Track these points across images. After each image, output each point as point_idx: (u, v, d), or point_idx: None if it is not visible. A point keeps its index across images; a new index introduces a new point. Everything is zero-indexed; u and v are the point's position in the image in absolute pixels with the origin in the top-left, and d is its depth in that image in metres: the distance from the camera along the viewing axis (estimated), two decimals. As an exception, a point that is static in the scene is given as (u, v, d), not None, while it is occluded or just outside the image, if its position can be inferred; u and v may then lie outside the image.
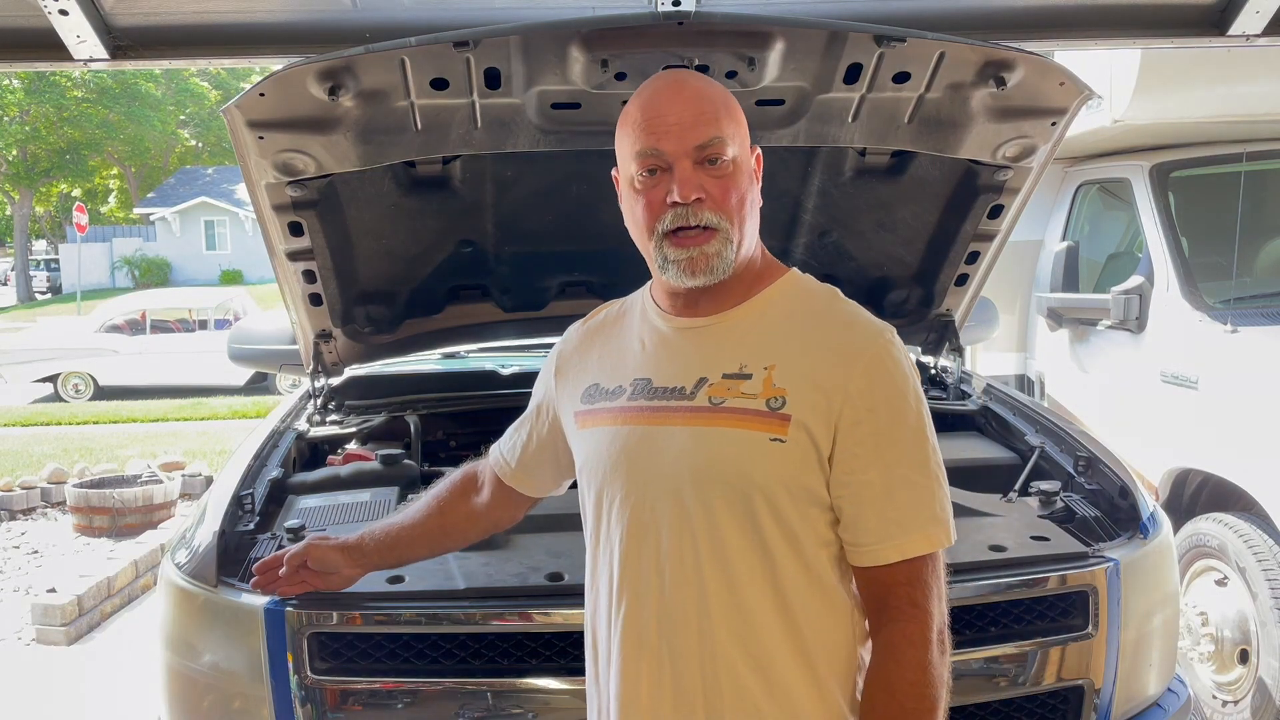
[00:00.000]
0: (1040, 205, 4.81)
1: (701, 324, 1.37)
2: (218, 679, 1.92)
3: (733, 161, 1.32)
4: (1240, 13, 2.26)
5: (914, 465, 1.29)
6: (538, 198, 2.74)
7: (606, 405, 1.41)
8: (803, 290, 1.40)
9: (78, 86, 31.06)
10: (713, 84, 1.38)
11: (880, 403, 1.27)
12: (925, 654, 1.25)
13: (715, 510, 1.28)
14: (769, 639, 1.28)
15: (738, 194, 1.32)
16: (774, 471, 1.26)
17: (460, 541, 1.78)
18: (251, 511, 2.20)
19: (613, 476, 1.36)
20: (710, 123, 1.30)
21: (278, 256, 2.54)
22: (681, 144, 1.30)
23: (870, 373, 1.28)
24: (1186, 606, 3.58)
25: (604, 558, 1.39)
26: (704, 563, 1.28)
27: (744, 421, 1.27)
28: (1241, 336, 3.61)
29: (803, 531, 1.28)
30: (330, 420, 2.98)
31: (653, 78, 1.39)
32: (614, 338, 1.49)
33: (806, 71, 2.15)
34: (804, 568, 1.28)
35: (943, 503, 1.30)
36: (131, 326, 14.35)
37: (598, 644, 1.42)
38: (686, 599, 1.29)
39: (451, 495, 1.73)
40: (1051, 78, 2.15)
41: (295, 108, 2.07)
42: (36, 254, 40.11)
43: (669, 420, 1.32)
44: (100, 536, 6.25)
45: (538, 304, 3.19)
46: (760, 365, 1.30)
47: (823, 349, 1.30)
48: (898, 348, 1.32)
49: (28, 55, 2.26)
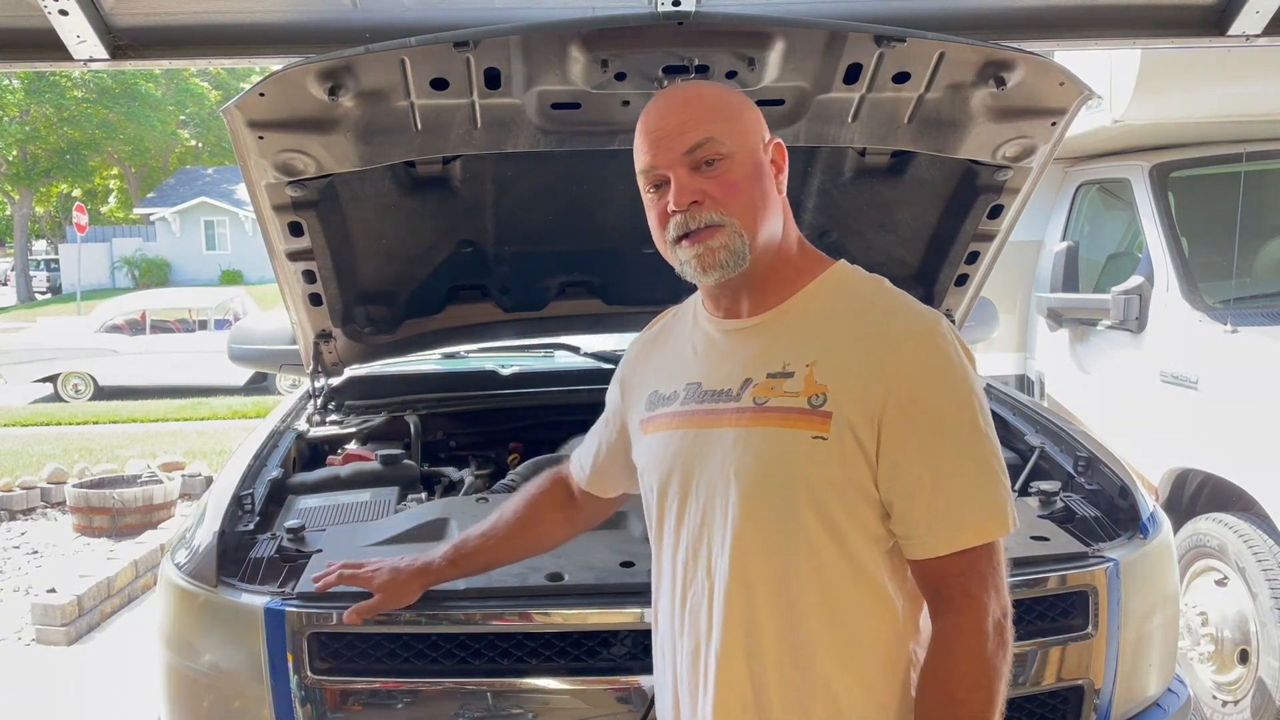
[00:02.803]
0: (1040, 205, 4.81)
1: (746, 325, 1.38)
2: (218, 679, 1.92)
3: (731, 158, 1.31)
4: (1240, 13, 2.26)
5: (963, 454, 1.26)
6: (538, 198, 2.74)
7: (663, 411, 1.44)
8: (847, 282, 1.39)
9: (78, 86, 31.05)
10: (705, 87, 1.40)
11: (924, 392, 1.25)
12: (978, 645, 1.23)
13: (760, 509, 1.28)
14: (814, 634, 1.28)
15: (740, 189, 1.31)
16: (817, 469, 1.26)
17: (553, 545, 1.82)
18: (251, 511, 2.20)
19: (669, 481, 1.39)
20: (697, 125, 1.31)
21: (278, 256, 2.54)
22: (671, 154, 1.32)
23: (913, 362, 1.26)
24: (1186, 606, 3.58)
25: (667, 563, 1.42)
26: (750, 561, 1.29)
27: (786, 420, 1.28)
28: (1241, 336, 3.61)
29: (850, 528, 1.27)
30: (330, 420, 2.98)
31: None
32: (669, 344, 1.52)
33: (806, 71, 2.15)
34: (850, 563, 1.28)
35: (997, 492, 1.27)
36: (131, 326, 14.35)
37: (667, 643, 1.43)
38: (735, 598, 1.30)
39: (543, 502, 1.76)
40: (1051, 78, 2.15)
41: (295, 108, 2.07)
42: (36, 254, 40.11)
43: (718, 423, 1.33)
44: (100, 536, 6.25)
45: (538, 304, 3.19)
46: (802, 363, 1.30)
47: (865, 341, 1.29)
48: (944, 335, 1.30)
49: (28, 55, 2.26)
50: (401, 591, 1.75)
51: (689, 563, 1.36)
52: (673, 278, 1.42)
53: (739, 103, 1.38)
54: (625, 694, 1.82)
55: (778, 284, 1.37)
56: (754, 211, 1.33)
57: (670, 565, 1.40)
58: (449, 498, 2.47)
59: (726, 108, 1.35)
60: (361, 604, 1.75)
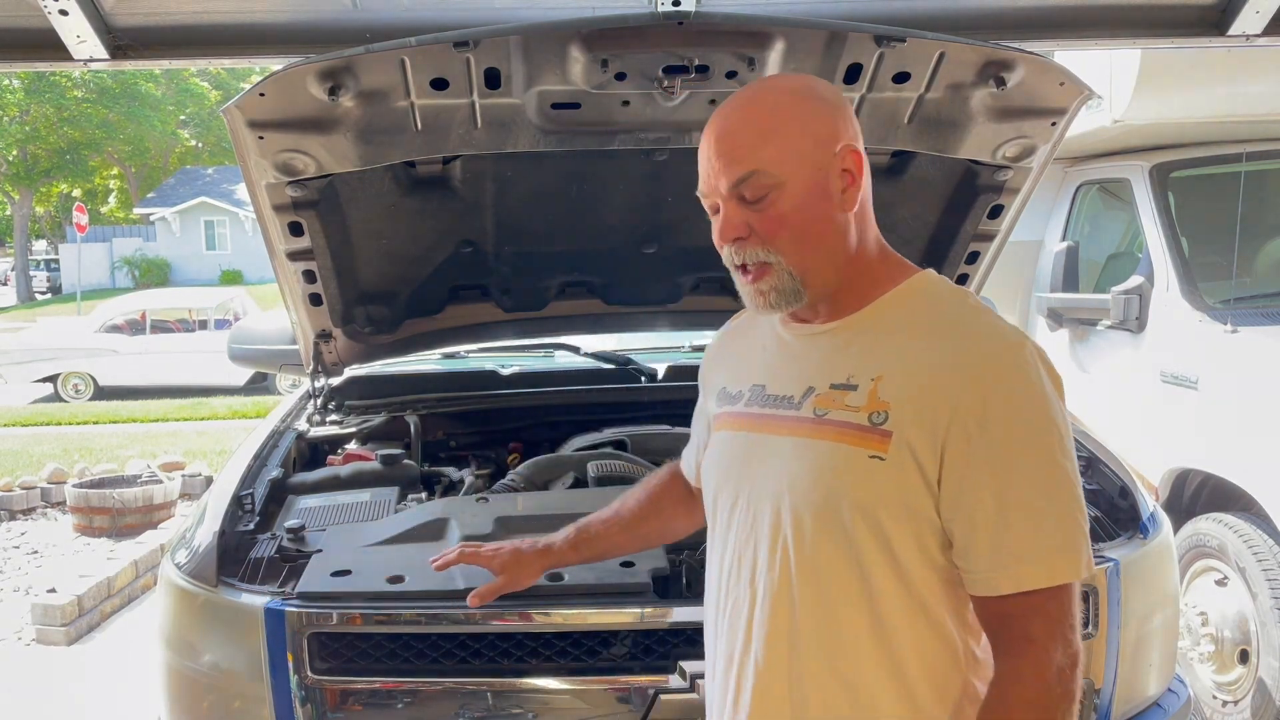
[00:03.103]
0: (1040, 205, 4.80)
1: (816, 331, 1.33)
2: (218, 679, 1.92)
3: (781, 187, 1.24)
4: (1240, 13, 2.26)
5: (1036, 489, 1.18)
6: (538, 198, 2.74)
7: (729, 409, 1.41)
8: (929, 294, 1.31)
9: (78, 86, 31.05)
10: (767, 97, 1.30)
11: (996, 417, 1.17)
12: (1035, 694, 1.16)
13: (809, 526, 1.24)
14: (862, 660, 1.23)
15: (788, 223, 1.25)
16: (872, 490, 1.20)
17: (674, 538, 1.80)
18: (251, 511, 2.21)
19: (725, 482, 1.37)
20: (744, 157, 1.24)
21: (278, 256, 2.54)
22: (718, 188, 1.27)
23: (988, 387, 1.18)
24: (1186, 606, 3.58)
25: (715, 561, 1.40)
26: (796, 578, 1.25)
27: (843, 436, 1.22)
28: (1241, 336, 3.61)
29: (905, 553, 1.21)
30: (330, 420, 2.98)
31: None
32: (744, 340, 1.48)
33: (806, 71, 2.15)
34: (905, 589, 1.22)
35: (1070, 531, 1.18)
36: (131, 326, 14.34)
37: (713, 638, 1.42)
38: (779, 614, 1.26)
39: (665, 494, 1.73)
40: (1051, 78, 2.15)
41: (295, 108, 2.07)
42: (36, 254, 40.09)
43: (776, 429, 1.30)
44: (100, 536, 6.25)
45: (538, 304, 3.19)
46: (867, 376, 1.24)
47: (937, 359, 1.21)
48: (1028, 360, 1.21)
49: (28, 55, 2.26)
50: (524, 573, 1.71)
51: (734, 568, 1.33)
52: (673, 278, 1.42)
53: (802, 114, 1.27)
54: (625, 694, 1.82)
55: (854, 291, 1.31)
56: (803, 245, 1.26)
57: (717, 568, 1.38)
58: (449, 498, 2.47)
59: (783, 127, 1.25)
60: (485, 586, 1.70)
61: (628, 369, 3.50)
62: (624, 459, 2.56)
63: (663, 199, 2.76)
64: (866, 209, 1.33)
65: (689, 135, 2.33)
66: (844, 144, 1.27)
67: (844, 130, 1.28)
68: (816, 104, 1.29)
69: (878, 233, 1.35)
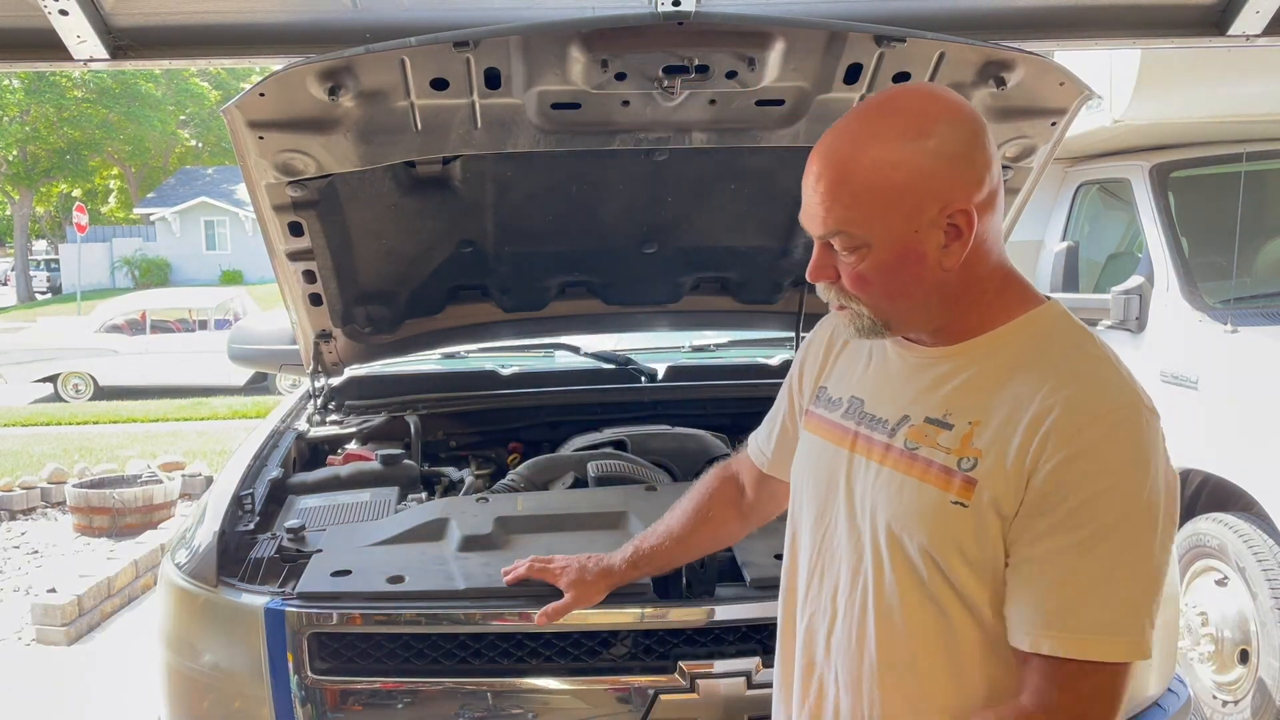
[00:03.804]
0: (1040, 205, 4.81)
1: (923, 356, 1.28)
2: (218, 679, 1.91)
3: (868, 247, 1.18)
4: (1240, 13, 2.26)
5: (1105, 562, 1.09)
6: (538, 198, 2.74)
7: (824, 415, 1.39)
8: (1045, 333, 1.22)
9: (78, 86, 31.05)
10: (864, 150, 1.17)
11: (1078, 480, 1.10)
12: None
13: (888, 558, 1.22)
14: (936, 693, 1.21)
15: (867, 284, 1.20)
16: (951, 535, 1.17)
17: (730, 541, 1.81)
18: (251, 511, 2.21)
19: (812, 490, 1.36)
20: (830, 212, 1.18)
21: (278, 256, 2.54)
22: (810, 228, 1.24)
23: (1078, 445, 1.10)
24: (1186, 606, 3.58)
25: (797, 565, 1.40)
26: (875, 611, 1.24)
27: (930, 475, 1.19)
28: (1241, 336, 3.61)
29: (981, 599, 1.17)
30: (330, 420, 2.98)
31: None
32: (852, 342, 1.43)
33: (807, 71, 2.15)
34: (981, 633, 1.18)
35: (1129, 615, 1.10)
36: (131, 326, 14.35)
37: (787, 638, 1.41)
38: (855, 640, 1.26)
39: (715, 500, 1.72)
40: (1051, 78, 2.15)
41: (295, 108, 2.07)
42: (36, 254, 40.09)
43: (869, 452, 1.28)
44: (100, 536, 6.25)
45: (538, 304, 3.19)
46: (965, 419, 1.19)
47: (1038, 412, 1.13)
48: (1130, 421, 1.12)
49: (28, 55, 2.26)
50: (590, 591, 1.75)
51: (817, 577, 1.34)
52: (673, 278, 1.41)
53: (909, 173, 1.15)
54: (625, 694, 1.82)
55: (964, 321, 1.24)
56: (888, 300, 1.22)
57: (804, 568, 1.38)
58: (449, 498, 2.47)
59: (878, 191, 1.16)
60: (554, 604, 1.73)
61: (628, 369, 3.50)
62: (624, 459, 2.56)
63: (663, 199, 2.76)
64: (984, 247, 1.21)
65: (689, 135, 2.33)
66: (955, 206, 1.16)
67: (959, 185, 1.16)
68: (930, 160, 1.15)
69: (1002, 263, 1.25)
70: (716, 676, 1.81)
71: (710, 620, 1.84)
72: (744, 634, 1.85)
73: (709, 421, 3.08)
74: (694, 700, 1.80)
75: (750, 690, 1.80)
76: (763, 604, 1.83)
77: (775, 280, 3.22)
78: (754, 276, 3.20)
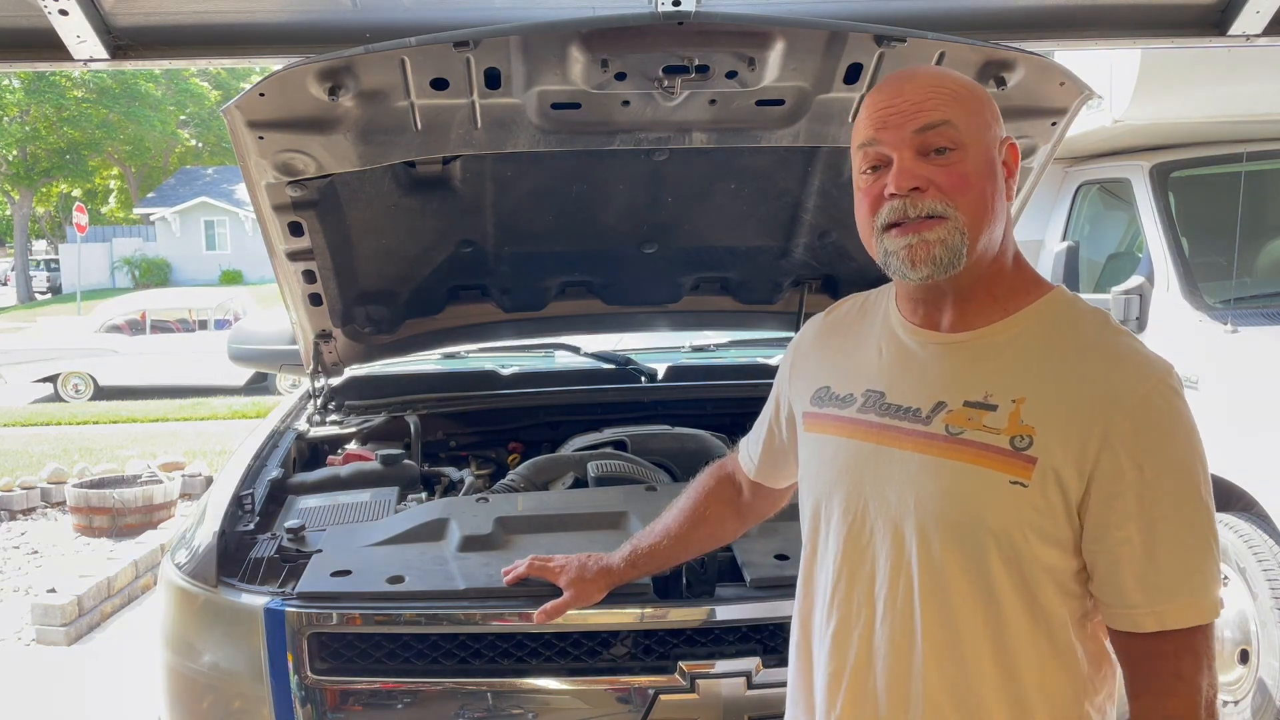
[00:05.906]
0: (1040, 205, 4.81)
1: (946, 341, 1.27)
2: (218, 679, 1.92)
3: (965, 149, 1.20)
4: (1240, 13, 2.26)
5: (1183, 524, 1.14)
6: (538, 198, 2.74)
7: (835, 412, 1.34)
8: (1068, 313, 1.25)
9: (78, 86, 31.04)
10: (950, 74, 1.26)
11: (1146, 452, 1.14)
12: None
13: (939, 550, 1.19)
14: (985, 691, 1.19)
15: (971, 183, 1.20)
16: (1013, 517, 1.16)
17: (729, 539, 1.80)
18: (251, 511, 2.21)
19: (833, 490, 1.31)
20: (937, 107, 1.20)
21: (278, 256, 2.54)
22: (901, 132, 1.20)
23: (1138, 417, 1.14)
24: (1186, 606, 3.57)
25: (820, 569, 1.36)
26: (921, 603, 1.21)
27: (983, 458, 1.17)
28: (1241, 336, 3.61)
29: (1039, 582, 1.17)
30: (330, 420, 2.98)
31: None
32: (851, 338, 1.41)
33: (807, 71, 2.15)
34: (1033, 618, 1.18)
35: (1213, 571, 1.15)
36: (131, 326, 14.35)
37: (804, 647, 1.39)
38: (899, 636, 1.23)
39: (711, 500, 1.71)
40: (1051, 78, 2.15)
41: (295, 108, 2.07)
42: (36, 254, 40.11)
43: (900, 443, 1.24)
44: (100, 536, 6.25)
45: (538, 304, 3.19)
46: (1008, 397, 1.18)
47: (1083, 385, 1.16)
48: (1175, 390, 1.19)
49: (28, 55, 2.25)
50: (589, 590, 1.74)
51: (846, 580, 1.29)
52: (673, 278, 1.41)
53: (982, 95, 1.25)
54: (625, 694, 1.82)
55: (987, 300, 1.25)
56: (981, 211, 1.20)
57: (822, 578, 1.34)
58: (449, 498, 2.47)
59: (969, 98, 1.23)
60: (553, 603, 1.73)
61: (627, 369, 3.50)
62: (624, 459, 2.56)
63: (663, 199, 2.76)
64: (1011, 216, 1.28)
65: (689, 135, 2.33)
66: (1007, 137, 1.27)
67: (1002, 128, 1.28)
68: (989, 96, 1.28)
69: (1015, 243, 1.30)
70: (716, 676, 1.81)
71: (710, 620, 1.84)
72: (744, 634, 1.85)
73: (709, 421, 3.08)
74: (694, 700, 1.80)
75: (750, 690, 1.80)
76: (763, 604, 1.83)
77: (775, 280, 3.22)
78: (754, 276, 3.20)
